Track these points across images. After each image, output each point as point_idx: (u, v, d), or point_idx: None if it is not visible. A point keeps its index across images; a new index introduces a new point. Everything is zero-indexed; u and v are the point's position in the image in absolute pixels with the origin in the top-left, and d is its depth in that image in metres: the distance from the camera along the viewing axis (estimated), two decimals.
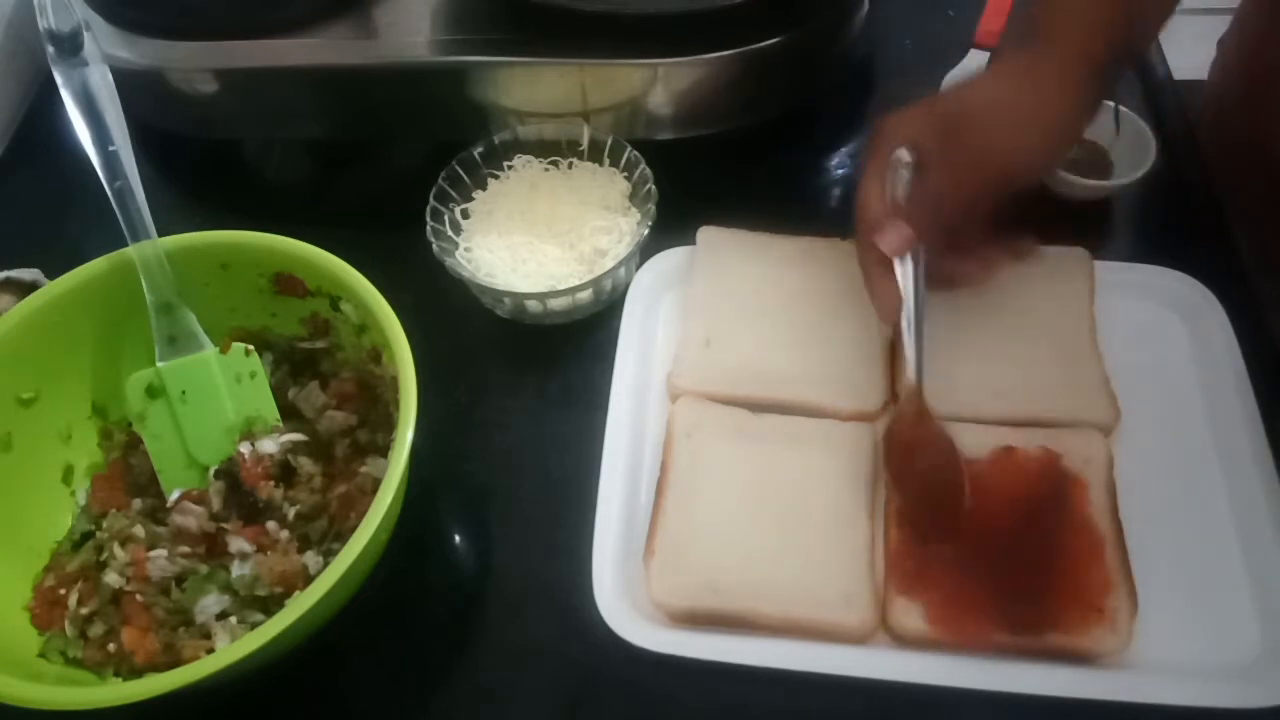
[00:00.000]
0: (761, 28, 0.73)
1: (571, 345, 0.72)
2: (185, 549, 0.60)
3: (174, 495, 0.62)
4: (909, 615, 0.58)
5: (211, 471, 0.62)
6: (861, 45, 0.83)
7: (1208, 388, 0.67)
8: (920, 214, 0.61)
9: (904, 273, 0.62)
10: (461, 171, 0.74)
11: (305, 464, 0.63)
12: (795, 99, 0.80)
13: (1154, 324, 0.70)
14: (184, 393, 0.63)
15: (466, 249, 0.73)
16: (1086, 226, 0.75)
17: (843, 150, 0.84)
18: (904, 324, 0.62)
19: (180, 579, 0.59)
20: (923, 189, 0.62)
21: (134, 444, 0.65)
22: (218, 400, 0.63)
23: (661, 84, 0.74)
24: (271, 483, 0.61)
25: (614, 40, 0.72)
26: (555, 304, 0.71)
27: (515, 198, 0.74)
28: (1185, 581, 0.60)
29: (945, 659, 0.57)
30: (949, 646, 0.57)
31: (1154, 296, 0.71)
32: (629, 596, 0.60)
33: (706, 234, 0.73)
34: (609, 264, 0.70)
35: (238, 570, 0.58)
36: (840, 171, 0.83)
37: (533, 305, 0.71)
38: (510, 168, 0.76)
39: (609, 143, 0.75)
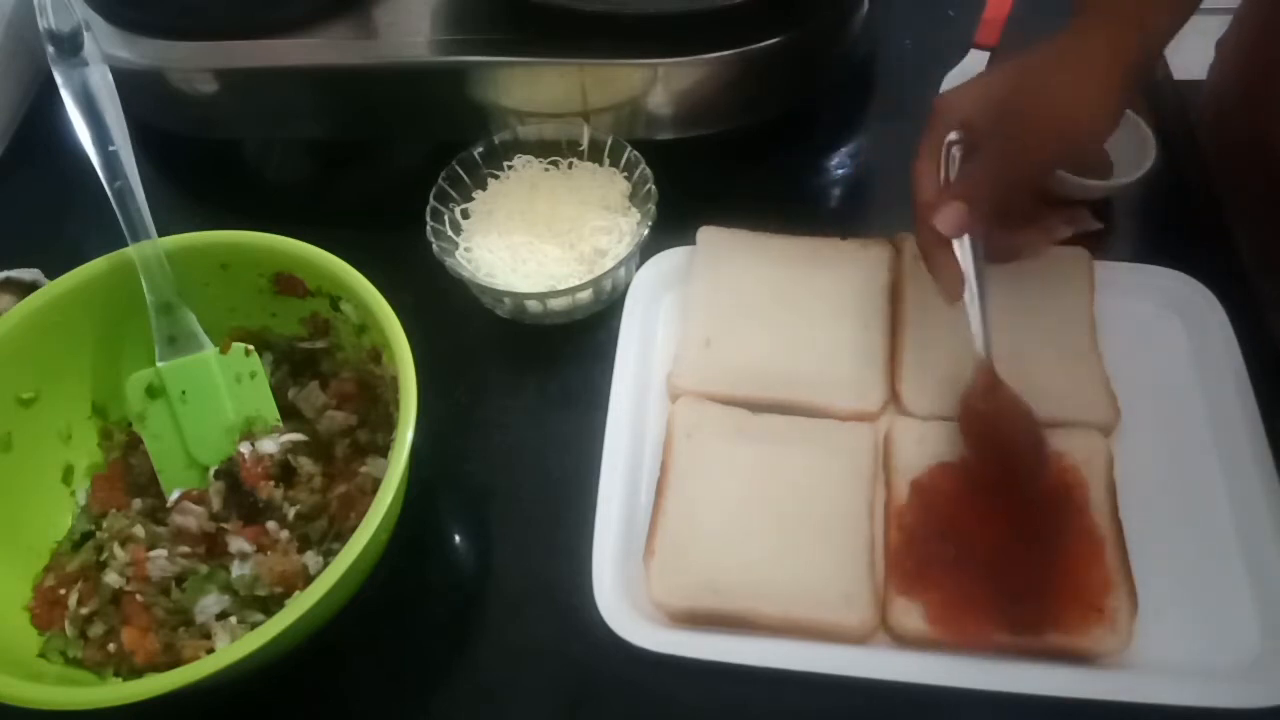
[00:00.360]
0: (761, 28, 0.73)
1: (571, 345, 0.72)
2: (185, 549, 0.60)
3: (174, 495, 0.62)
4: (909, 615, 0.58)
5: (211, 472, 0.62)
6: (861, 45, 0.84)
7: (1208, 388, 0.67)
8: (974, 191, 0.62)
9: (963, 251, 0.63)
10: (461, 171, 0.74)
11: (305, 464, 0.63)
12: (795, 99, 0.80)
13: (1154, 324, 0.70)
14: (184, 393, 0.63)
15: (466, 249, 0.73)
16: None
17: (843, 150, 0.84)
18: (968, 300, 0.63)
19: (180, 579, 0.59)
20: (976, 167, 0.63)
21: (134, 444, 0.65)
22: (218, 400, 0.63)
23: (661, 84, 0.74)
24: (271, 483, 0.61)
25: (614, 40, 0.72)
26: (555, 304, 0.71)
27: (515, 198, 0.74)
28: (1185, 581, 0.60)
29: (945, 659, 0.57)
30: (949, 646, 0.57)
31: (1154, 296, 0.71)
32: (629, 596, 0.60)
33: (706, 234, 0.73)
34: (609, 264, 0.70)
35: (238, 570, 0.58)
36: (840, 172, 0.83)
37: (533, 305, 0.71)
38: (510, 168, 0.76)
39: (609, 143, 0.75)
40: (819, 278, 0.71)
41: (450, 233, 0.73)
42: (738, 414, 0.66)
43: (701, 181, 0.77)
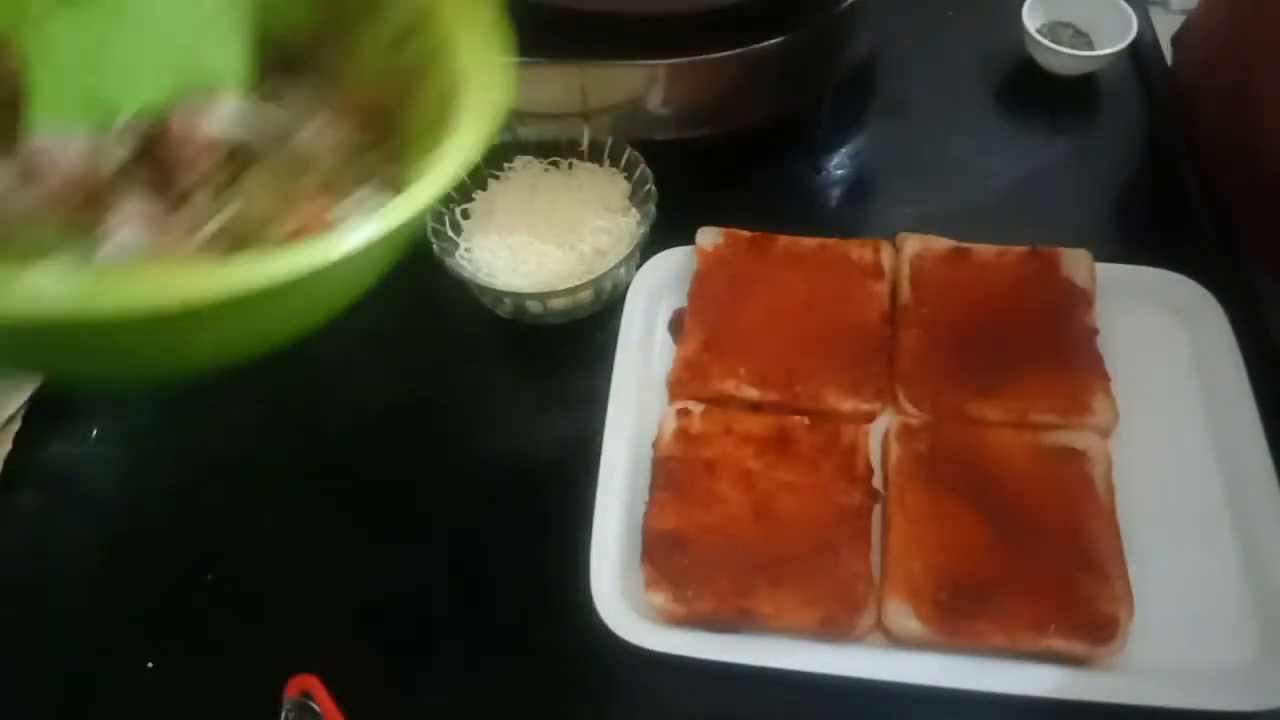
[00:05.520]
0: (761, 28, 0.73)
1: (571, 345, 0.72)
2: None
3: (41, 137, 0.43)
4: (907, 616, 0.58)
5: (121, 122, 0.44)
6: (861, 45, 0.83)
7: (1207, 390, 0.67)
8: None
9: None
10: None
11: (260, 174, 0.45)
12: (795, 99, 0.80)
13: (1154, 326, 0.70)
14: None
15: (467, 249, 0.73)
16: (1087, 227, 0.75)
17: (843, 150, 0.84)
18: None
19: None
20: None
21: None
22: (157, 20, 0.45)
23: (661, 84, 0.74)
24: (203, 175, 0.44)
25: (614, 41, 0.72)
26: (555, 304, 0.71)
27: (515, 198, 0.75)
28: (1183, 583, 0.60)
29: (943, 659, 0.57)
30: (947, 647, 0.57)
31: (1154, 298, 0.71)
32: (629, 596, 0.60)
33: (706, 234, 0.73)
34: (609, 264, 0.70)
35: (106, 247, 0.41)
36: (840, 172, 0.83)
37: (533, 305, 0.71)
38: (510, 168, 0.76)
39: (609, 143, 0.75)
40: (819, 278, 0.72)
41: (450, 233, 0.73)
42: (738, 414, 0.66)
43: (701, 181, 0.77)
